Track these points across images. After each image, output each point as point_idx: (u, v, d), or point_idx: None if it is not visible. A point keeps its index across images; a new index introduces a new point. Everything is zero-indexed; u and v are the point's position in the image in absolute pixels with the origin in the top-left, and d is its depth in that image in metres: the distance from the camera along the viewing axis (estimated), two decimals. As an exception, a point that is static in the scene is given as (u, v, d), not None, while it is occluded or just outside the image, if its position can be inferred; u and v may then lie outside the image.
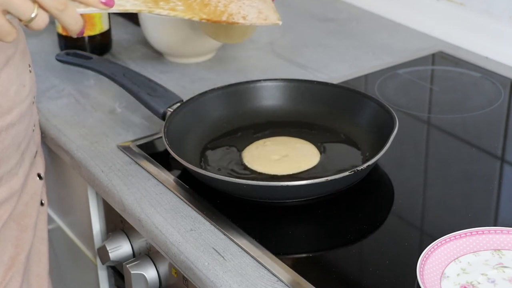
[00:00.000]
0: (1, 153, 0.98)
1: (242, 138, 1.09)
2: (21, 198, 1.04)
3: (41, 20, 0.81)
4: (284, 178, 1.00)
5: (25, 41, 1.05)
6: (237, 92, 1.13)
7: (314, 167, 1.02)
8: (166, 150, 1.12)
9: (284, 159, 1.04)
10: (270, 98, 1.14)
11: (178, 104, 1.09)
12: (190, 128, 1.08)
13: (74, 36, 0.87)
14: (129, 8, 0.88)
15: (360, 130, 1.07)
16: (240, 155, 1.05)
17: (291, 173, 1.01)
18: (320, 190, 0.96)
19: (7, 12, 0.80)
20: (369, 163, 0.95)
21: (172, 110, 1.07)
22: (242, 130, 1.11)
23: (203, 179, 0.98)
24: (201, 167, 1.02)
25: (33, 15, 0.80)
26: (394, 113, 1.04)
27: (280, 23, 0.94)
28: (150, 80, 1.13)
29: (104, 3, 0.85)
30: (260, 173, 1.01)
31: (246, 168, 1.03)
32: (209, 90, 1.12)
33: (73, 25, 0.84)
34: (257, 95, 1.14)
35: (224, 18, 0.90)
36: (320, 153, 1.05)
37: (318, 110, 1.12)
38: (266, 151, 1.05)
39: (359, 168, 0.94)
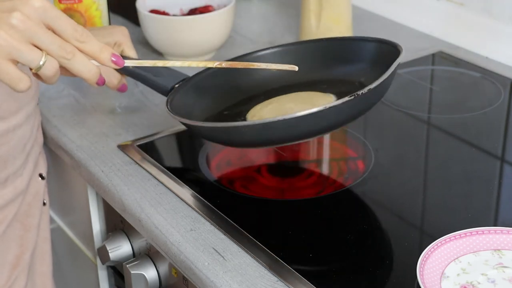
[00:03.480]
0: (7, 154, 0.99)
1: (248, 107, 1.05)
2: (24, 198, 1.05)
3: (51, 67, 0.80)
4: None
5: None
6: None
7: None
8: (166, 150, 1.13)
9: (295, 106, 0.99)
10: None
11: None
12: (195, 101, 1.05)
13: (94, 85, 0.86)
14: (144, 62, 0.91)
15: (371, 73, 1.02)
16: (245, 118, 1.02)
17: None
18: (322, 122, 0.90)
19: (16, 62, 0.79)
20: (370, 86, 0.89)
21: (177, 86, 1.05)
22: (247, 102, 1.07)
23: (200, 132, 0.96)
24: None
25: (41, 63, 0.79)
26: (397, 43, 0.99)
27: (297, 68, 0.94)
28: (159, 67, 1.12)
29: (115, 62, 0.84)
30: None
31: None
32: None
33: (86, 73, 0.83)
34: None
35: (240, 66, 0.95)
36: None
37: (325, 66, 1.07)
38: (275, 104, 1.02)
39: (359, 93, 0.88)
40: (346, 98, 0.88)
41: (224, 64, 0.94)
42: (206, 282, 0.86)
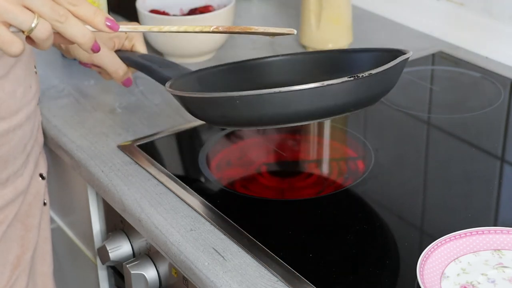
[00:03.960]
0: (7, 154, 0.99)
1: None
2: (25, 198, 1.05)
3: (43, 29, 0.79)
4: None
5: None
6: (248, 67, 1.07)
7: None
8: (166, 150, 1.13)
9: None
10: (279, 73, 1.07)
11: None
12: (195, 90, 1.03)
13: (89, 52, 0.85)
14: (139, 27, 0.89)
15: None
16: None
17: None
18: (319, 102, 0.87)
19: (8, 24, 0.79)
20: (371, 71, 0.87)
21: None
22: None
23: (198, 106, 0.94)
24: None
25: (33, 25, 0.79)
26: (403, 49, 0.96)
27: (295, 32, 0.93)
28: (164, 59, 1.11)
29: (110, 27, 0.83)
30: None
31: None
32: (221, 64, 1.08)
33: (80, 38, 0.82)
34: (267, 70, 1.07)
35: (237, 30, 0.91)
36: None
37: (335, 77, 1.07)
38: None
39: (359, 75, 0.86)
40: (345, 78, 0.86)
41: (221, 28, 0.90)
42: (206, 282, 0.86)
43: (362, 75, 0.86)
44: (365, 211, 0.97)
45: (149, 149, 1.10)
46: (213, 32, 0.89)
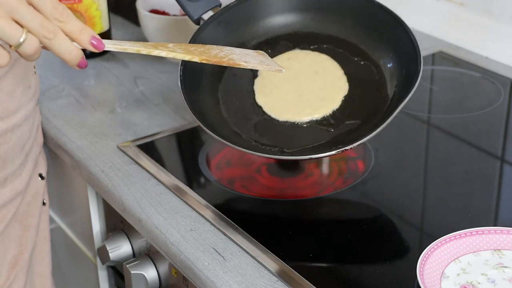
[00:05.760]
0: (6, 154, 0.99)
1: (272, 53, 1.06)
2: (24, 198, 1.05)
3: (30, 45, 0.78)
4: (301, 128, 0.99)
5: None
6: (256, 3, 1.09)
7: (338, 109, 1.01)
8: (166, 150, 1.13)
9: (302, 99, 1.02)
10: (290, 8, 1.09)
11: (211, 13, 1.05)
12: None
13: (75, 68, 0.84)
14: (128, 48, 0.86)
15: (391, 59, 1.03)
16: (253, 84, 1.03)
17: (309, 118, 1.00)
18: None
19: None
20: (353, 144, 0.93)
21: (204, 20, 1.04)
22: (273, 45, 1.07)
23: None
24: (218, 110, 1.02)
25: (21, 40, 0.78)
26: (420, 55, 0.98)
27: (284, 70, 0.94)
28: None
29: (94, 46, 0.82)
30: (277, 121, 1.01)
31: (263, 113, 1.02)
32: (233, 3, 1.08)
33: (66, 55, 0.81)
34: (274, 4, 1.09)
35: (225, 60, 0.91)
36: (348, 83, 1.02)
37: (355, 27, 1.07)
38: (282, 87, 1.03)
39: (347, 148, 0.92)
40: (333, 152, 0.92)
41: (212, 62, 0.92)
42: (206, 282, 0.86)
43: (349, 148, 0.92)
44: (365, 211, 0.97)
45: (149, 149, 1.10)
46: (201, 62, 0.89)
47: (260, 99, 1.03)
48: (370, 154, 1.06)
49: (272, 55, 1.04)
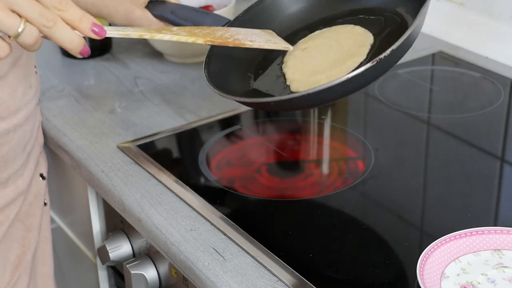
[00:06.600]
0: (8, 154, 0.99)
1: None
2: (26, 198, 1.05)
3: (30, 35, 0.78)
4: None
5: None
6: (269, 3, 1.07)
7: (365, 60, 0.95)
8: (166, 150, 1.13)
9: (328, 70, 0.96)
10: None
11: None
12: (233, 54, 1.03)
13: (78, 56, 0.83)
14: (130, 33, 0.85)
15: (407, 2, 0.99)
16: (282, 63, 1.00)
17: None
18: (347, 87, 0.89)
19: None
20: (393, 47, 0.87)
21: None
22: (291, 38, 1.04)
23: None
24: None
25: (20, 30, 0.77)
26: None
27: (291, 48, 0.92)
28: (197, 10, 1.09)
29: (96, 33, 0.82)
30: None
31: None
32: (247, 9, 1.06)
33: (68, 44, 0.80)
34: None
35: (230, 40, 0.89)
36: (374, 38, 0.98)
37: None
38: (307, 59, 0.99)
39: (381, 57, 0.86)
40: (369, 64, 0.86)
41: (217, 43, 0.90)
42: (206, 282, 0.86)
43: (384, 56, 0.86)
44: (365, 211, 0.97)
45: (149, 149, 1.10)
46: (206, 43, 0.88)
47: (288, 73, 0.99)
48: (370, 154, 1.07)
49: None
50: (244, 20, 1.05)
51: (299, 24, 1.07)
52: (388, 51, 0.87)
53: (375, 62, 0.86)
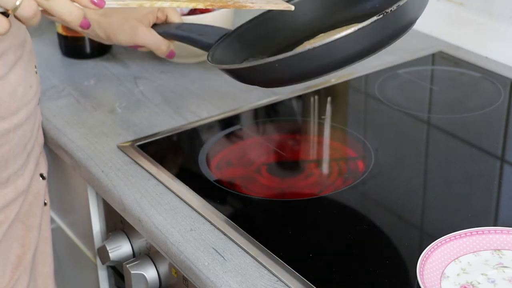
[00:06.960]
0: (8, 153, 0.99)
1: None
2: (26, 198, 1.05)
3: (28, 8, 0.77)
4: None
5: (31, 42, 1.05)
6: (276, 15, 1.07)
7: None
8: (166, 150, 1.13)
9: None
10: (305, 13, 1.07)
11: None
12: (236, 52, 1.04)
13: (77, 29, 0.82)
14: (130, 3, 0.84)
15: None
16: None
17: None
18: (354, 46, 0.87)
19: None
20: (399, 3, 0.86)
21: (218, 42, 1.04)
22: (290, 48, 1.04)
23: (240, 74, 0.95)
24: None
25: (17, 3, 0.77)
26: None
27: (293, 8, 0.91)
28: (201, 24, 1.12)
29: (95, 3, 0.81)
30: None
31: None
32: (252, 19, 1.08)
33: (67, 16, 0.80)
34: (294, 13, 1.05)
35: (231, 3, 0.89)
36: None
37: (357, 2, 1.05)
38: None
39: (388, 11, 0.85)
40: (375, 18, 0.85)
41: (217, 6, 0.90)
42: (206, 282, 0.86)
43: (391, 10, 0.85)
44: (365, 211, 0.97)
45: (149, 149, 1.10)
46: (206, 7, 0.87)
47: None
48: (370, 154, 1.07)
49: None
50: (244, 29, 1.06)
51: (301, 34, 1.07)
52: (394, 6, 0.85)
53: (381, 15, 0.85)
